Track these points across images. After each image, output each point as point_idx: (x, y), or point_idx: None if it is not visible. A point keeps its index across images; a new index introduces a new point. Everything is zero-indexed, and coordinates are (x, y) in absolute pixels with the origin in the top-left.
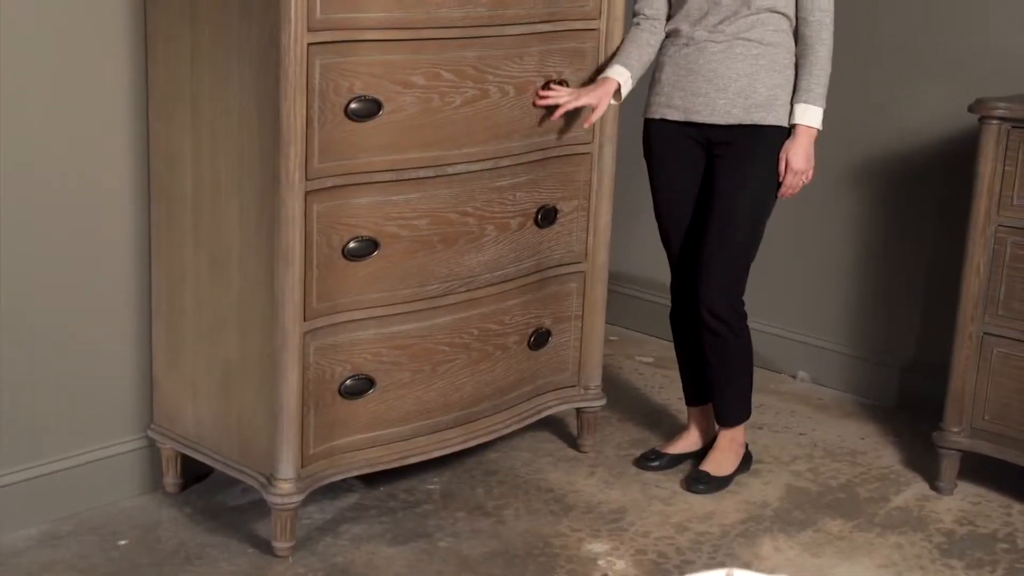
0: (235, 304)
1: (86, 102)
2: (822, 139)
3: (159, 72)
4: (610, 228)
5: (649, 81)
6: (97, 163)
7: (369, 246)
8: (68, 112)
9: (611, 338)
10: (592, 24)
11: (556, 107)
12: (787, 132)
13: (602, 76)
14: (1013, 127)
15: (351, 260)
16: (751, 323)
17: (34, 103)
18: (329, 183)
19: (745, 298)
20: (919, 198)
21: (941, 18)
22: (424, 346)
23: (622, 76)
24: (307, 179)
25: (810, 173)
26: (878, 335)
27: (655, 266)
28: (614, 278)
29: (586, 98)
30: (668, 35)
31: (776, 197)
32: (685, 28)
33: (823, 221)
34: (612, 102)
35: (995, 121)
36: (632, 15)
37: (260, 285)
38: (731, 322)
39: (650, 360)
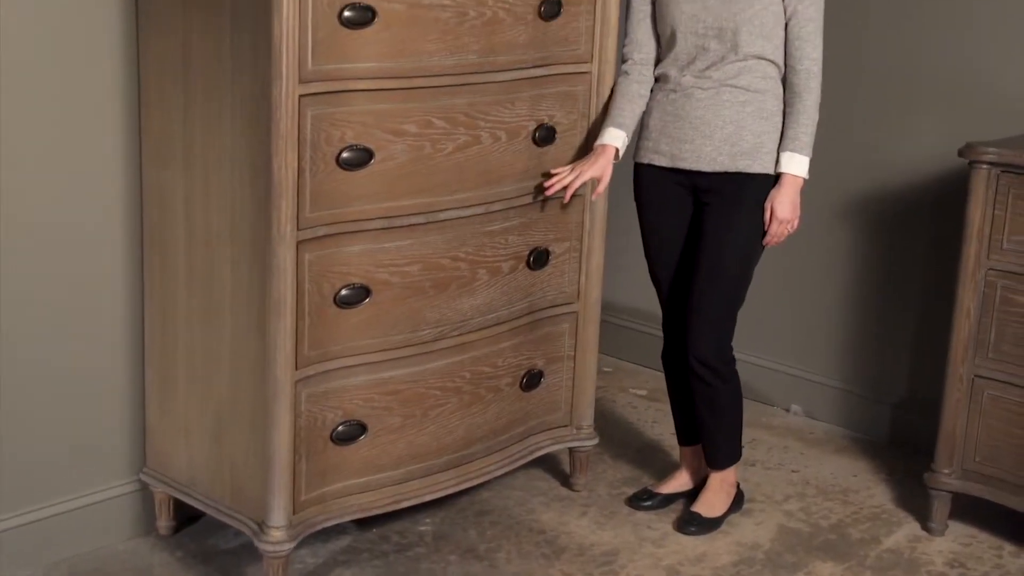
0: (227, 351)
1: (80, 147)
2: (815, 173)
3: (152, 120)
4: (602, 268)
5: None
6: (90, 208)
7: (361, 293)
8: (62, 154)
9: (605, 369)
10: (583, 67)
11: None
12: (773, 180)
13: (599, 143)
14: (1003, 172)
15: (343, 308)
16: (745, 355)
17: (30, 149)
18: (321, 232)
19: (739, 330)
20: (911, 234)
21: (933, 55)
22: (416, 391)
23: (618, 140)
24: (299, 229)
25: (795, 222)
26: (870, 370)
27: (649, 297)
28: (608, 308)
29: (590, 172)
30: (657, 79)
31: (763, 245)
32: (673, 73)
33: (817, 255)
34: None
35: (985, 166)
36: (621, 60)
37: (252, 333)
38: (719, 369)
39: (643, 393)
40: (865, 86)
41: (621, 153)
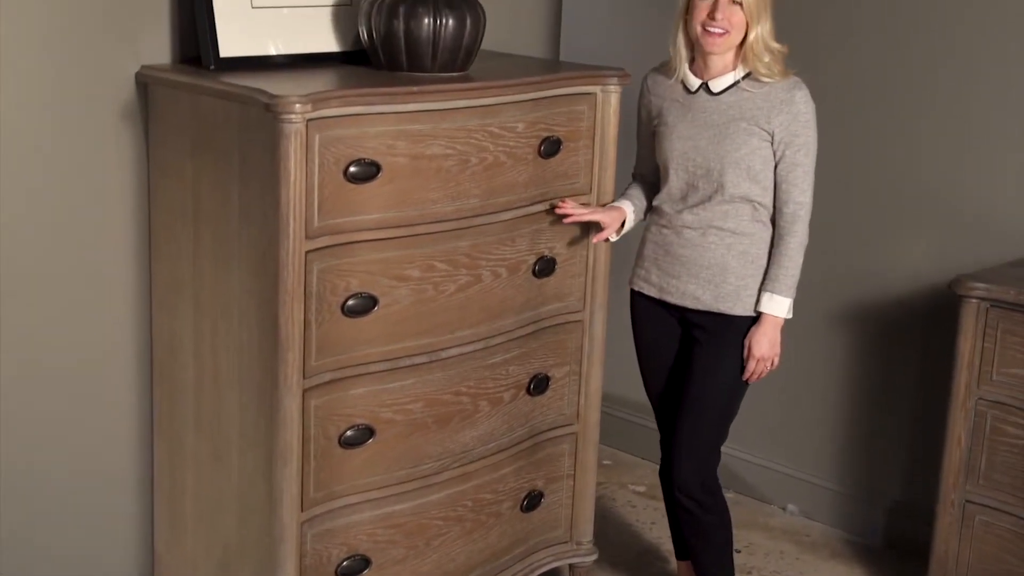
0: (235, 491)
1: (90, 288)
2: (811, 277)
3: (162, 266)
4: (601, 391)
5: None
6: (100, 348)
7: (365, 434)
8: (73, 295)
9: (604, 462)
10: (582, 199)
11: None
12: (756, 319)
13: (612, 204)
14: (991, 306)
15: (347, 448)
16: (743, 454)
17: (42, 291)
18: (326, 377)
19: (739, 429)
20: (904, 343)
21: (925, 174)
22: (418, 522)
23: (628, 209)
24: (305, 377)
25: (775, 359)
26: (865, 473)
27: None
28: (607, 400)
29: (599, 215)
30: (653, 210)
31: (747, 381)
32: (667, 208)
33: (813, 359)
34: (613, 237)
35: (974, 300)
36: (632, 176)
37: (259, 475)
38: (703, 501)
39: (642, 489)
40: (858, 202)
41: (628, 223)
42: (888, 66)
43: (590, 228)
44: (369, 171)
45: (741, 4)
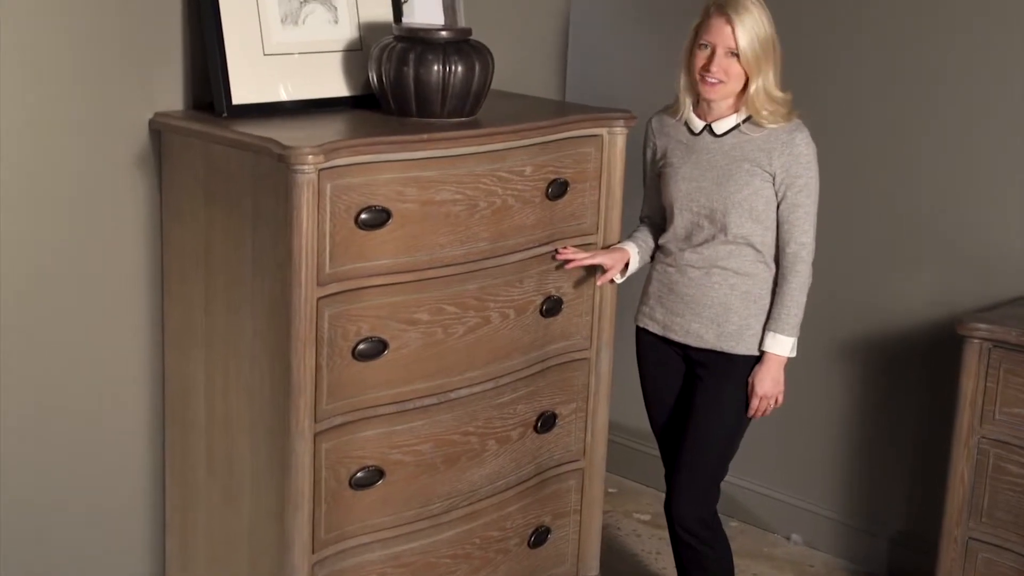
0: (246, 532)
1: (103, 329)
2: (815, 310)
3: (174, 309)
4: (607, 427)
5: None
6: (113, 388)
7: (375, 475)
8: (86, 335)
9: (610, 490)
10: (589, 239)
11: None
12: (759, 358)
13: (616, 245)
14: (994, 346)
15: (357, 489)
16: (748, 483)
17: (54, 331)
18: (337, 421)
19: (743, 459)
20: (907, 376)
21: (930, 209)
22: (427, 561)
23: (632, 251)
24: (315, 421)
25: (779, 397)
26: (868, 504)
27: None
28: (613, 428)
29: (601, 258)
30: (659, 248)
31: (749, 419)
32: (672, 247)
33: (817, 390)
34: (618, 278)
35: (977, 340)
36: (639, 219)
37: (270, 518)
38: (702, 535)
39: (647, 518)
40: (861, 236)
41: (633, 264)
42: (891, 101)
43: (595, 269)
44: (380, 217)
45: (738, 56)
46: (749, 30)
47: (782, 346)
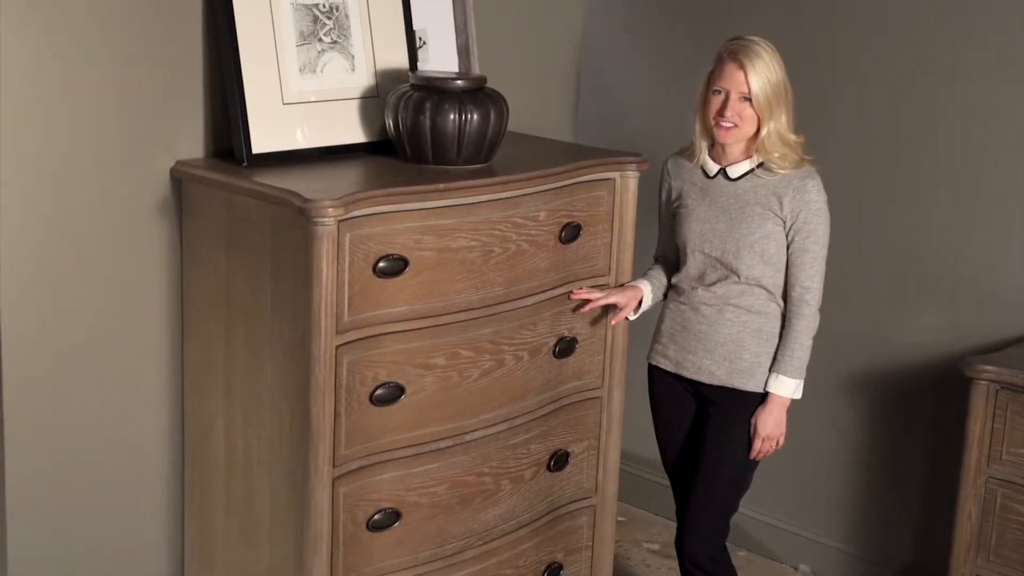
0: (265, 573)
1: (123, 372)
2: (824, 345)
3: (194, 351)
4: (618, 464)
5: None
6: (132, 431)
7: (391, 517)
8: (105, 378)
9: (619, 519)
10: (601, 281)
11: (587, 301)
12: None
13: (629, 283)
14: (1001, 388)
15: (374, 531)
16: (756, 513)
17: (77, 375)
18: (355, 465)
19: (752, 489)
20: (913, 411)
21: (935, 245)
22: None
23: (646, 288)
24: (334, 466)
25: (781, 439)
26: (876, 535)
27: None
28: (623, 457)
29: (615, 297)
30: (673, 287)
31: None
32: (685, 286)
33: (825, 423)
34: (631, 316)
35: (983, 382)
36: (654, 259)
37: (289, 561)
38: (711, 571)
39: (656, 547)
40: (868, 273)
41: (646, 302)
42: (898, 138)
43: (608, 308)
44: (397, 266)
45: (751, 101)
46: (761, 75)
47: (785, 387)
